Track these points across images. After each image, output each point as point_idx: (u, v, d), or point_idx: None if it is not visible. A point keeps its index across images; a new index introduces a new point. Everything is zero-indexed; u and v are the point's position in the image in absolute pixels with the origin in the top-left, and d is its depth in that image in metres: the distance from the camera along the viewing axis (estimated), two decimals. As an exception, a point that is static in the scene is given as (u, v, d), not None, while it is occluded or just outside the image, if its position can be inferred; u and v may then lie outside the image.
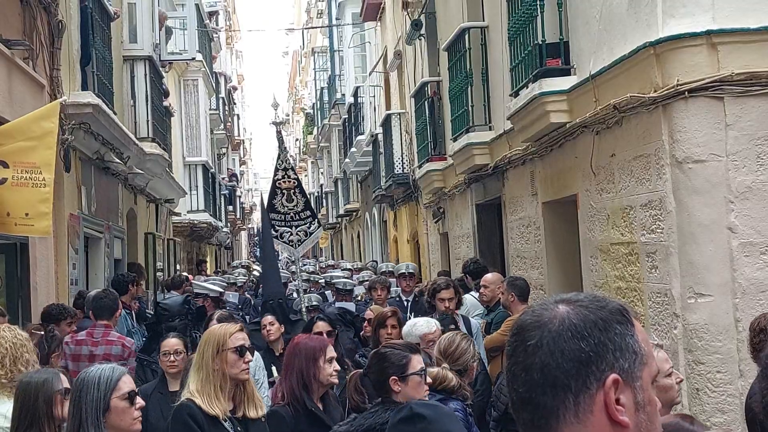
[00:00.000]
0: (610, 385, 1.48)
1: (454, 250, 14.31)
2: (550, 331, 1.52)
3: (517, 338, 1.56)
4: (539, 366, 1.51)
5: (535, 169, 9.58)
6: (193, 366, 4.39)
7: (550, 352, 1.50)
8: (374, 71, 23.20)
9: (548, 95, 7.92)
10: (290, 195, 9.89)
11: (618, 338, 1.51)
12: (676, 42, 6.02)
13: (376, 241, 25.73)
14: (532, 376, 1.51)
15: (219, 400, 4.25)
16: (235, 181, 42.25)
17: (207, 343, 4.39)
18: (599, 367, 1.49)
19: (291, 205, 9.87)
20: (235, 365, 4.35)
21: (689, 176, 5.99)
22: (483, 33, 11.29)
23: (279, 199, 9.84)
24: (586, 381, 1.48)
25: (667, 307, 6.20)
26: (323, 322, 6.81)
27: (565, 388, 1.49)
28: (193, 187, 23.86)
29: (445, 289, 7.75)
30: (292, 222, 9.84)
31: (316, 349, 4.84)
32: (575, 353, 1.49)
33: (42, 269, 8.74)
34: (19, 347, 4.82)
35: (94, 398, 3.63)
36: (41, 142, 7.16)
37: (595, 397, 1.48)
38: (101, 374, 3.71)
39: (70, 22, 10.11)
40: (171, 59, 19.86)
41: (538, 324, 1.54)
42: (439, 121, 14.30)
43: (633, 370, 1.51)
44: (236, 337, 4.43)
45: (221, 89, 32.92)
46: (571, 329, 1.51)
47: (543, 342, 1.51)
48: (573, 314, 1.53)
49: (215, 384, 4.27)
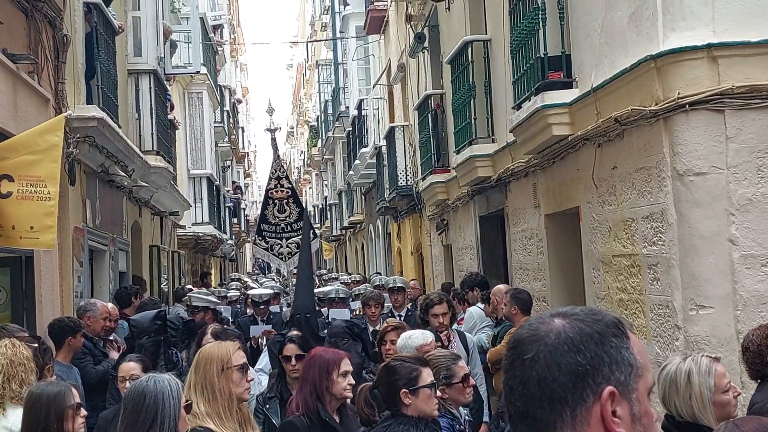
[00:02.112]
0: (607, 397, 1.49)
1: (458, 261, 14.33)
2: (547, 345, 1.53)
3: (514, 352, 1.58)
4: (536, 380, 1.52)
5: (537, 181, 9.61)
6: (194, 386, 4.11)
7: (546, 366, 1.51)
8: (378, 84, 23.27)
9: (550, 108, 7.95)
10: (282, 205, 9.45)
11: (614, 351, 1.53)
12: (677, 55, 6.06)
13: (380, 253, 25.74)
14: (529, 390, 1.53)
15: (229, 420, 4.06)
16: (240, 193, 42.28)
17: (209, 362, 4.15)
18: (595, 380, 1.50)
19: (283, 216, 9.49)
20: (240, 384, 4.16)
21: (690, 189, 6.02)
22: (486, 46, 11.34)
23: (270, 209, 9.48)
24: (583, 394, 1.50)
25: (668, 319, 6.21)
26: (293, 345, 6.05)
27: (562, 401, 1.50)
28: (197, 199, 23.89)
29: (438, 304, 7.41)
30: (283, 234, 9.45)
31: (330, 361, 4.81)
32: (572, 366, 1.50)
33: (47, 282, 8.76)
34: (17, 365, 4.77)
35: (171, 407, 3.46)
36: (46, 155, 7.20)
37: (591, 410, 1.50)
38: (170, 383, 3.52)
39: (75, 36, 10.16)
40: (175, 72, 19.91)
41: (535, 338, 1.55)
42: (443, 133, 14.33)
43: (629, 382, 1.53)
44: (239, 354, 4.24)
45: (226, 102, 32.97)
46: (567, 343, 1.52)
47: (540, 356, 1.53)
48: (569, 328, 1.54)
49: (223, 404, 4.07)
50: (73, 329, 7.19)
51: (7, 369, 4.74)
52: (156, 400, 3.46)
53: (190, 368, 4.28)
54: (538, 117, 8.15)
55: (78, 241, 10.17)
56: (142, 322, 7.20)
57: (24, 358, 4.84)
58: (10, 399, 4.73)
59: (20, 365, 4.79)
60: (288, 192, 9.59)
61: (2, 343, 4.92)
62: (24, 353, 4.87)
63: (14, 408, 4.72)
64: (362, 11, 23.57)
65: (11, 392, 4.72)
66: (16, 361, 4.78)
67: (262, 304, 10.94)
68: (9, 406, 4.74)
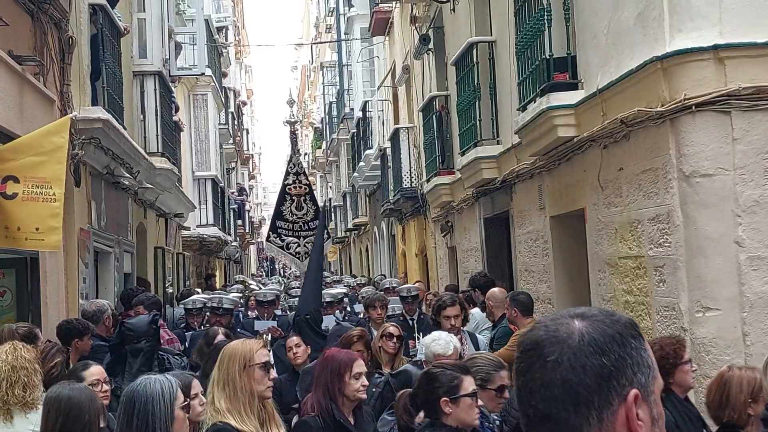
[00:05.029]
0: (632, 400, 1.49)
1: (463, 263, 14.31)
2: (570, 347, 1.51)
3: (533, 354, 1.55)
4: (560, 382, 1.50)
5: (542, 183, 9.60)
6: (216, 383, 4.18)
7: (571, 368, 1.50)
8: (382, 86, 23.26)
9: (556, 109, 7.94)
10: (300, 202, 8.99)
11: (634, 352, 1.52)
12: (683, 56, 6.05)
13: (384, 255, 25.72)
14: (552, 392, 1.50)
15: (250, 418, 4.09)
16: (244, 195, 42.33)
17: (232, 359, 4.21)
18: (620, 382, 1.49)
19: (300, 214, 8.97)
20: (262, 382, 4.19)
21: (697, 190, 6.00)
22: (491, 47, 11.33)
23: (288, 206, 9.00)
24: (608, 396, 1.49)
25: (674, 321, 6.20)
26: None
27: (588, 404, 1.48)
28: (202, 201, 23.90)
29: (451, 306, 7.32)
30: (300, 232, 8.98)
31: (343, 363, 4.82)
32: (597, 369, 1.49)
33: (52, 284, 8.76)
34: (19, 370, 4.75)
35: (161, 411, 3.46)
36: (52, 156, 7.20)
37: (617, 413, 1.49)
38: (162, 385, 3.52)
39: (81, 37, 10.17)
40: (180, 74, 19.93)
41: (556, 340, 1.53)
42: (447, 135, 14.33)
43: (648, 384, 1.52)
44: (261, 353, 4.29)
45: (230, 104, 32.99)
46: (592, 344, 1.50)
47: (563, 358, 1.51)
48: (591, 329, 1.52)
49: (244, 401, 4.11)
50: (80, 331, 7.17)
51: (9, 375, 4.72)
52: (146, 405, 3.46)
53: (215, 365, 4.34)
54: (544, 118, 8.14)
55: (83, 242, 10.17)
56: (139, 326, 7.09)
57: (26, 361, 4.81)
58: (15, 404, 4.72)
59: (22, 369, 4.76)
60: (306, 189, 9.08)
61: (2, 348, 4.90)
62: (25, 356, 4.83)
63: (20, 414, 4.71)
64: (367, 13, 23.56)
65: (15, 398, 4.71)
66: (17, 365, 4.75)
67: (267, 304, 10.91)
68: (15, 413, 4.72)
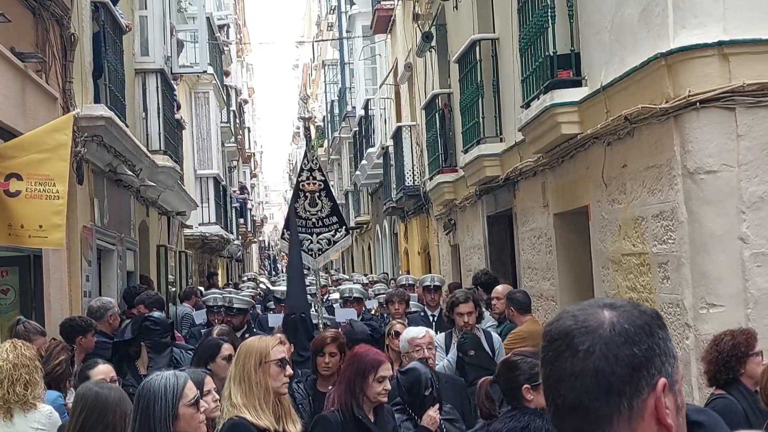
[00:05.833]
0: (661, 389, 1.50)
1: (465, 261, 14.30)
2: (602, 336, 1.52)
3: (561, 343, 1.55)
4: (592, 371, 1.51)
5: (546, 180, 9.58)
6: (233, 378, 4.24)
7: (604, 357, 1.50)
8: (385, 83, 23.26)
9: (559, 106, 7.92)
10: (314, 199, 8.93)
11: (662, 342, 1.54)
12: (687, 53, 6.03)
13: (387, 253, 25.72)
14: (584, 382, 1.51)
15: (265, 413, 4.14)
16: (246, 193, 42.29)
17: (248, 355, 4.27)
18: (650, 372, 1.51)
19: (314, 210, 8.90)
20: (278, 378, 4.24)
21: (701, 186, 5.99)
22: (494, 45, 11.31)
23: (301, 202, 8.95)
24: (639, 385, 1.50)
25: (679, 318, 6.19)
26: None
27: (620, 393, 1.50)
28: (204, 199, 23.90)
29: (464, 302, 7.17)
30: (314, 229, 8.88)
31: (368, 365, 4.82)
32: (629, 358, 1.50)
33: (55, 281, 8.77)
34: (20, 368, 4.75)
35: (162, 408, 3.47)
36: (55, 154, 7.20)
37: (646, 402, 1.50)
38: (167, 383, 3.53)
39: (83, 34, 10.16)
40: (182, 72, 19.93)
41: (587, 329, 1.53)
42: (450, 133, 14.31)
43: (673, 373, 1.54)
44: (278, 349, 4.34)
45: (232, 102, 33.00)
46: (623, 334, 1.52)
47: (595, 347, 1.51)
48: (622, 319, 1.54)
49: (259, 397, 4.16)
50: (84, 329, 7.17)
51: (9, 373, 4.72)
52: (148, 403, 3.48)
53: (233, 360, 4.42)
54: (547, 116, 8.12)
55: (86, 240, 10.17)
56: (163, 320, 7.30)
57: (27, 359, 4.81)
58: (16, 403, 4.72)
59: (23, 367, 4.77)
60: (320, 185, 8.94)
61: (2, 347, 4.90)
62: (26, 354, 4.84)
63: (20, 413, 4.71)
64: (369, 10, 23.55)
65: (15, 396, 4.71)
66: (18, 363, 4.75)
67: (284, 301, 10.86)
68: (16, 411, 4.72)
